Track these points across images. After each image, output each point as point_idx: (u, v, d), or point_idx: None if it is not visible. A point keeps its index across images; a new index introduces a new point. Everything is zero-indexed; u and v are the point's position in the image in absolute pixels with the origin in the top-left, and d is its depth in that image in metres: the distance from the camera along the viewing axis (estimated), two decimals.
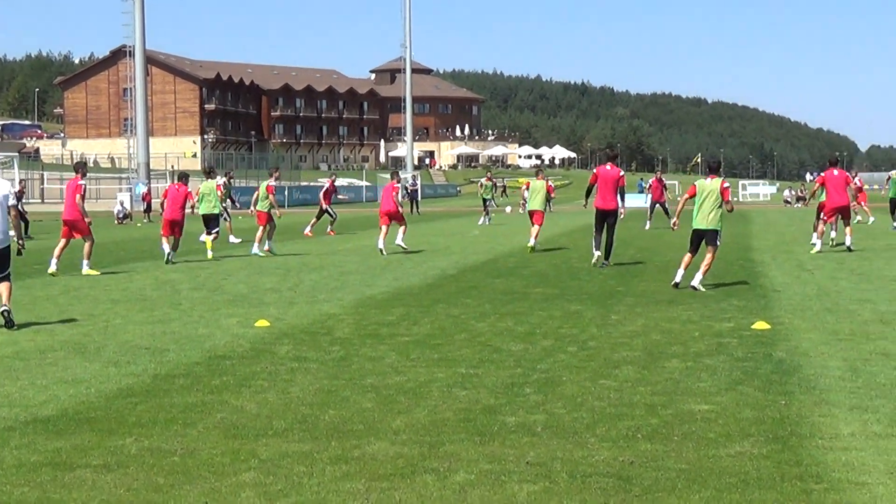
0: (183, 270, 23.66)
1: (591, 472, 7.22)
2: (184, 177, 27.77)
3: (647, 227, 40.32)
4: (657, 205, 41.96)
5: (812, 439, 7.99)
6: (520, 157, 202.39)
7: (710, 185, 19.00)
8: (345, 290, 19.24)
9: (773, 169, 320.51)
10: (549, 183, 29.62)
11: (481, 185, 50.98)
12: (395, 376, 10.78)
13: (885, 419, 8.58)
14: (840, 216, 26.92)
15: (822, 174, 27.35)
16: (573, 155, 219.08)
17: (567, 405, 9.30)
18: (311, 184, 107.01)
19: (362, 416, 9.01)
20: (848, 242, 26.69)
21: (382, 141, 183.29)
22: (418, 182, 71.03)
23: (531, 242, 28.42)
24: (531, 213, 29.38)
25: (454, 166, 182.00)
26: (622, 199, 23.49)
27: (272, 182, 29.08)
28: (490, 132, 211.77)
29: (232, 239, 33.51)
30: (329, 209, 39.30)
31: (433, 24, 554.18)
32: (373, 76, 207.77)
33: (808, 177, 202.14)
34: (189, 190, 26.74)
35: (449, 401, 9.56)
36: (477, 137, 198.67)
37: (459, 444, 8.00)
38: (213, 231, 27.85)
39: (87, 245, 22.97)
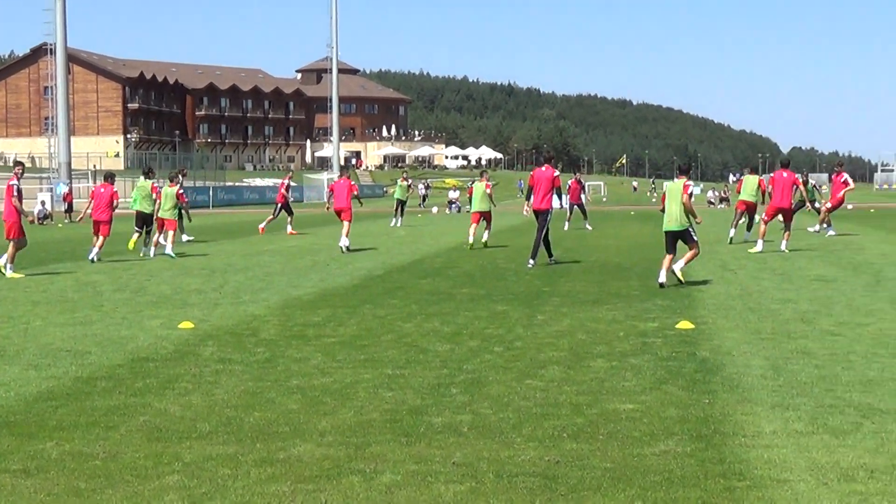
0: (105, 271, 23.41)
1: (517, 472, 7.24)
2: (110, 177, 27.77)
3: (566, 227, 40.68)
4: (575, 206, 42.27)
5: (735, 437, 8.07)
6: (446, 157, 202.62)
7: (675, 186, 19.47)
8: (270, 290, 19.15)
9: (696, 170, 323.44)
10: (488, 183, 31.59)
11: (397, 185, 50.76)
12: (320, 377, 10.74)
13: (806, 417, 8.69)
14: (783, 218, 27.21)
15: (773, 175, 27.80)
16: (500, 156, 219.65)
17: (493, 405, 9.32)
18: (237, 184, 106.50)
19: (288, 417, 8.97)
20: (783, 247, 26.83)
21: (308, 141, 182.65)
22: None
23: (471, 240, 30.04)
24: (475, 214, 30.79)
25: (381, 167, 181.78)
26: (559, 199, 23.89)
27: (180, 190, 29.22)
28: (417, 133, 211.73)
29: (184, 237, 33.88)
30: (287, 206, 39.49)
31: (360, 24, 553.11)
32: (299, 76, 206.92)
33: (731, 178, 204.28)
34: (115, 190, 26.73)
35: (375, 402, 9.55)
36: (403, 138, 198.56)
37: (386, 445, 8.00)
38: (144, 230, 28.16)
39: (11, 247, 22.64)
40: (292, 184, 43.63)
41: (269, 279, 21.41)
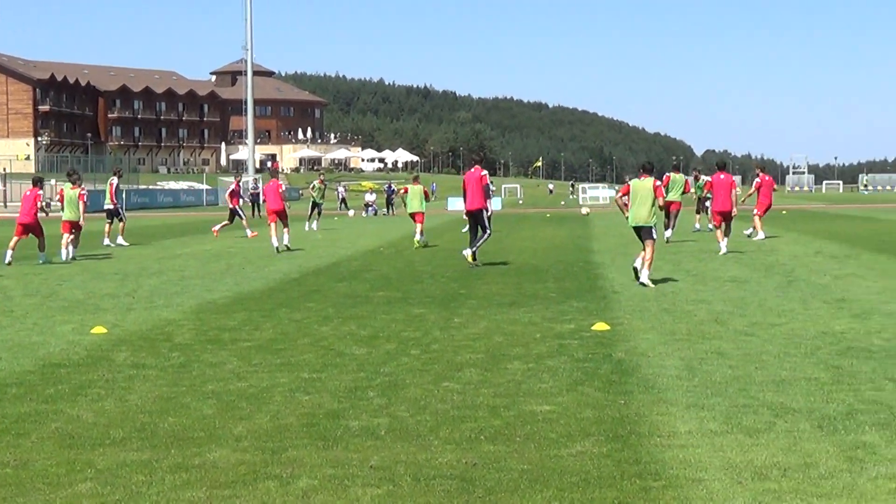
0: (15, 276, 23.06)
1: (434, 475, 7.24)
2: (38, 181, 28.15)
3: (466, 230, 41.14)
4: None
5: (650, 438, 8.13)
6: (363, 160, 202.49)
7: (643, 185, 20.06)
8: (185, 295, 18.98)
9: (612, 172, 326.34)
10: (425, 187, 34.47)
11: (313, 188, 50.32)
12: (236, 382, 10.67)
13: (721, 417, 8.78)
14: (723, 221, 27.55)
15: (710, 178, 28.17)
16: (416, 158, 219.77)
17: (410, 408, 9.31)
18: (150, 187, 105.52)
19: (203, 423, 8.90)
20: (723, 250, 27.05)
21: (223, 144, 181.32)
22: (260, 185, 70.33)
23: (417, 237, 31.87)
24: (413, 215, 33.06)
25: (296, 169, 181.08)
26: (489, 199, 24.40)
27: (83, 191, 29.26)
28: (333, 135, 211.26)
29: (120, 241, 34.06)
30: (238, 209, 39.57)
31: (275, 27, 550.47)
32: (213, 78, 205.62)
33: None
34: (39, 193, 26.87)
35: (291, 406, 9.50)
36: (319, 140, 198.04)
37: (302, 450, 7.96)
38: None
39: None
40: (317, 185, 46.16)
41: (183, 283, 21.22)
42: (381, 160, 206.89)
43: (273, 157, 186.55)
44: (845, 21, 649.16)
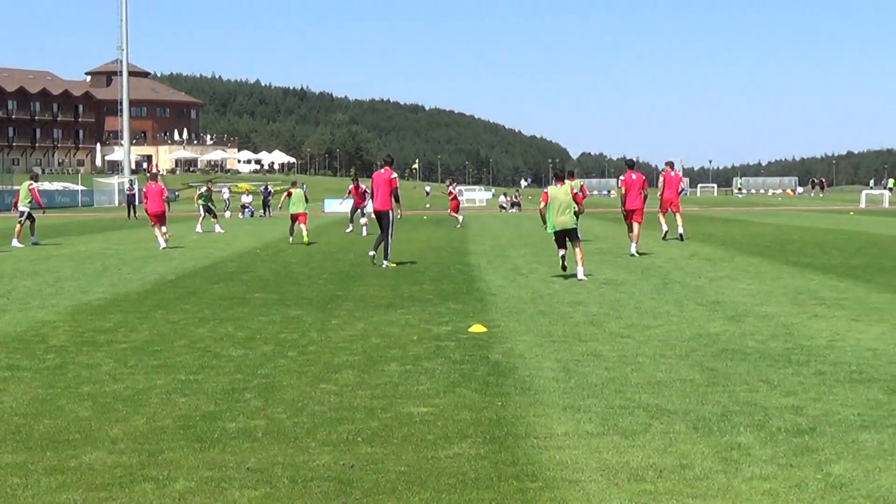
0: None
1: (312, 477, 7.19)
2: None
3: (350, 229, 41.55)
4: (358, 209, 42.76)
5: (527, 439, 8.17)
6: (239, 161, 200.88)
7: (560, 191, 21.31)
8: (60, 296, 18.64)
9: (489, 175, 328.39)
10: (304, 190, 37.59)
11: (200, 195, 49.53)
12: (112, 384, 10.50)
13: (597, 418, 8.85)
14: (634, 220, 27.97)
15: (623, 178, 28.57)
16: (293, 160, 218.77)
17: (288, 410, 9.25)
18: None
19: (79, 425, 8.73)
20: (632, 250, 27.37)
21: (99, 144, 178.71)
22: (135, 186, 69.37)
23: (305, 234, 34.15)
24: (294, 216, 35.18)
25: (172, 171, 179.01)
26: (397, 201, 24.64)
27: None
28: (209, 137, 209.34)
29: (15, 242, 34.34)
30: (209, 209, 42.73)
31: (150, 26, 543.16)
32: (88, 78, 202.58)
33: (523, 183, 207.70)
34: None
35: (168, 408, 9.38)
36: (196, 142, 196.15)
37: (179, 452, 7.85)
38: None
39: None
40: (205, 192, 46.71)
41: (59, 284, 20.84)
42: (258, 162, 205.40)
43: (149, 158, 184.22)
44: (719, 23, 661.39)
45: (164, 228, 32.59)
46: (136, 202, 63.00)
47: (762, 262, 25.09)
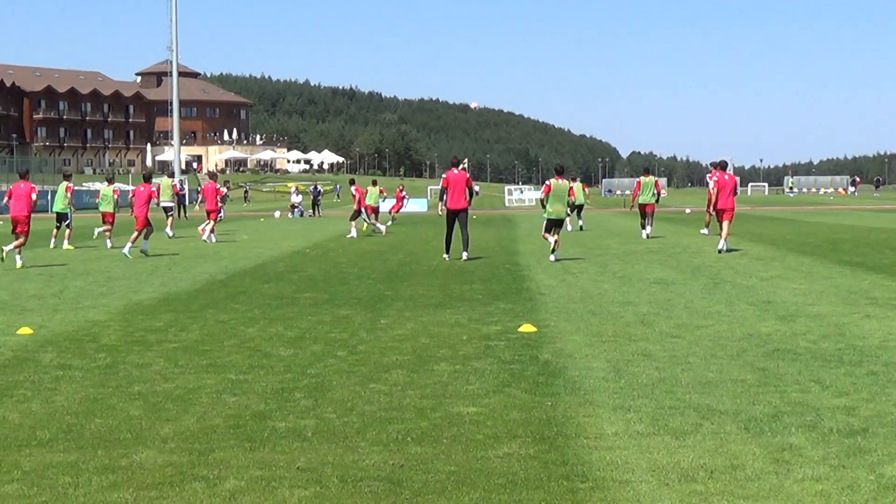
0: None
1: (361, 477, 7.20)
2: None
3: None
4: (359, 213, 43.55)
5: (577, 439, 8.14)
6: (288, 161, 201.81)
7: (561, 185, 26.05)
8: (111, 296, 18.78)
9: (538, 174, 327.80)
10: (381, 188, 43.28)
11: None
12: (162, 383, 10.56)
13: (647, 418, 8.82)
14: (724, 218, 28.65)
15: (716, 178, 29.02)
16: (342, 160, 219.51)
17: (337, 410, 9.27)
18: (77, 188, 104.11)
19: (129, 424, 8.79)
20: (720, 245, 28.22)
21: (149, 145, 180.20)
22: (185, 186, 69.83)
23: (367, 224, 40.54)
24: (368, 207, 41.42)
25: (223, 171, 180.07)
26: (471, 199, 26.84)
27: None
28: (258, 136, 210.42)
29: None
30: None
31: (200, 27, 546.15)
32: (139, 79, 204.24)
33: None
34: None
35: (218, 407, 9.42)
36: (245, 142, 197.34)
37: (229, 451, 7.89)
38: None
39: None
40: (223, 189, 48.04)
41: (109, 284, 21.00)
42: (307, 161, 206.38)
43: (199, 158, 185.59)
44: (769, 21, 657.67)
45: (211, 225, 35.71)
46: (187, 202, 63.41)
47: (813, 262, 24.90)
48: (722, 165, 30.25)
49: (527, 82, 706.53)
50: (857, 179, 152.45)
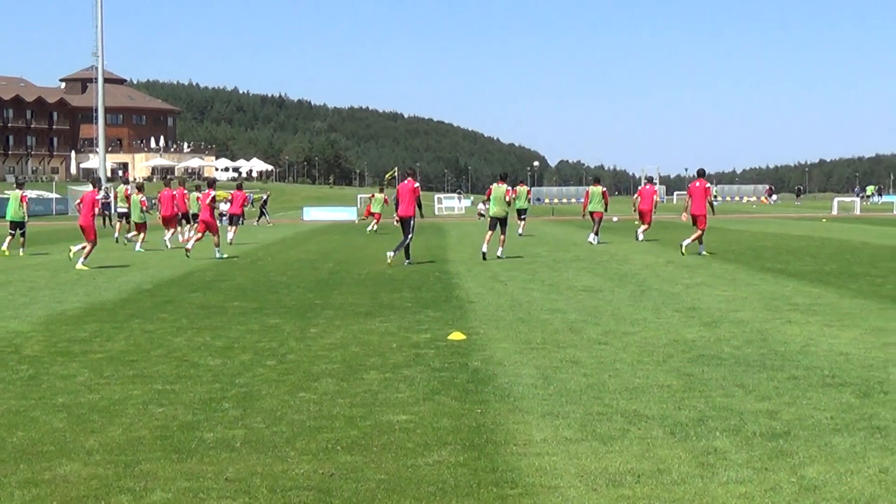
0: None
1: (291, 486, 7.19)
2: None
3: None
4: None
5: (507, 446, 8.18)
6: (217, 169, 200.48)
7: (500, 189, 30.31)
8: (33, 305, 18.56)
9: (467, 183, 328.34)
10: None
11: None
12: (87, 394, 10.46)
13: (575, 424, 8.88)
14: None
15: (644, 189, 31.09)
16: (271, 168, 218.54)
17: (266, 419, 9.23)
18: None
19: (53, 436, 8.69)
20: (684, 245, 30.29)
21: (73, 152, 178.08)
22: (111, 195, 69.05)
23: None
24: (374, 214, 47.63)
25: (149, 179, 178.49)
26: (419, 207, 28.33)
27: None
28: (186, 144, 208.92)
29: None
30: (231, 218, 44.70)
31: (127, 33, 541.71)
32: (63, 85, 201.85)
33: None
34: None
35: (144, 418, 9.35)
36: (173, 149, 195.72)
37: (156, 463, 7.83)
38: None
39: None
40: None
41: (32, 294, 20.75)
42: (236, 169, 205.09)
43: (125, 165, 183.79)
44: (694, 33, 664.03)
45: (172, 232, 36.67)
46: (112, 210, 62.82)
47: (737, 269, 25.20)
48: (700, 173, 31.62)
49: (456, 91, 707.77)
50: (773, 188, 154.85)
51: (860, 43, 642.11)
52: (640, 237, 40.35)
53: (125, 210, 43.84)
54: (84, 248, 28.13)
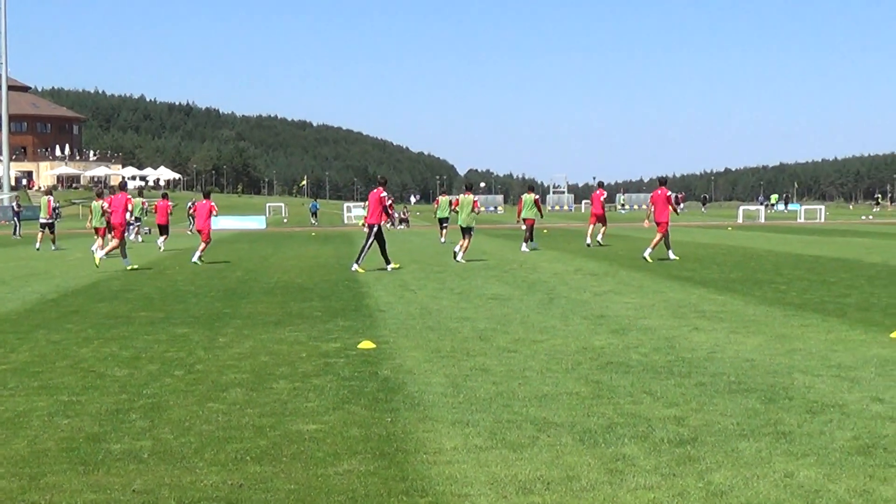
0: None
1: (199, 498, 7.13)
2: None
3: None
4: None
5: (417, 454, 8.19)
6: (123, 178, 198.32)
7: (467, 199, 33.36)
8: None
9: None
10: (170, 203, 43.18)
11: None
12: None
13: (485, 432, 8.91)
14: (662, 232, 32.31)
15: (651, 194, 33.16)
16: (178, 176, 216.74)
17: (174, 430, 9.15)
18: None
19: None
20: (646, 254, 32.05)
21: None
22: (21, 203, 68.09)
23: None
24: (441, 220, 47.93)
25: (55, 187, 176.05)
26: (387, 214, 29.36)
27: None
28: (92, 152, 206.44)
29: None
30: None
31: (30, 39, 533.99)
32: None
33: (413, 199, 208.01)
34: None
35: (50, 430, 9.22)
36: (78, 158, 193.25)
37: (62, 475, 7.73)
38: None
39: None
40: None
41: None
42: (143, 178, 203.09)
43: (29, 174, 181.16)
44: (601, 42, 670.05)
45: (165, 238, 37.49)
46: (20, 219, 62.03)
47: (644, 277, 25.46)
48: (662, 181, 33.31)
49: (365, 99, 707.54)
50: (684, 196, 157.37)
51: (764, 54, 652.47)
52: (591, 241, 42.25)
53: (47, 220, 43.51)
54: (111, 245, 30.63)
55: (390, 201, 29.37)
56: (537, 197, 40.35)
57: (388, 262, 28.92)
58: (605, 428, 9.03)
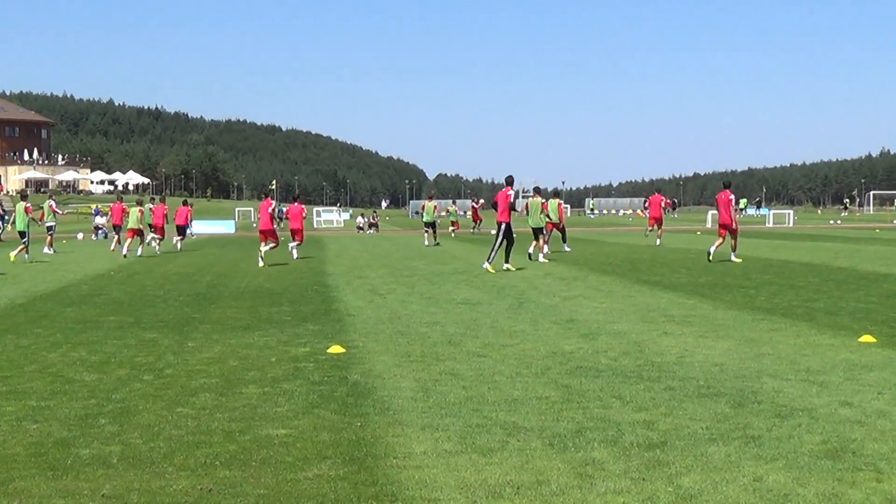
0: None
1: (169, 503, 7.11)
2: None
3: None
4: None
5: (387, 459, 8.19)
6: (92, 182, 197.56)
7: (535, 201, 35.86)
8: None
9: (346, 196, 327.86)
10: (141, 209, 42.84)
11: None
12: None
13: (455, 437, 8.92)
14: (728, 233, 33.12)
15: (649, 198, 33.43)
16: (147, 181, 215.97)
17: (143, 435, 9.12)
18: None
19: None
20: (732, 257, 32.65)
21: None
22: (5, 206, 67.77)
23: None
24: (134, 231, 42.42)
25: (23, 192, 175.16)
26: (511, 213, 30.53)
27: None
28: (61, 157, 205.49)
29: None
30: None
31: None
32: None
33: (383, 204, 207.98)
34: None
35: (18, 435, 9.18)
36: (47, 162, 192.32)
37: (30, 480, 7.69)
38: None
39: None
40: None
41: None
42: (112, 182, 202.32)
43: None
44: (569, 45, 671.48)
45: (270, 244, 35.22)
46: (3, 222, 61.83)
47: (614, 281, 25.53)
48: (726, 185, 34.12)
49: (334, 104, 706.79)
50: (675, 202, 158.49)
51: (734, 60, 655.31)
52: (566, 248, 43.78)
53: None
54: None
55: (480, 202, 30.97)
56: (544, 201, 38.14)
57: (507, 260, 30.18)
58: (574, 432, 9.06)
